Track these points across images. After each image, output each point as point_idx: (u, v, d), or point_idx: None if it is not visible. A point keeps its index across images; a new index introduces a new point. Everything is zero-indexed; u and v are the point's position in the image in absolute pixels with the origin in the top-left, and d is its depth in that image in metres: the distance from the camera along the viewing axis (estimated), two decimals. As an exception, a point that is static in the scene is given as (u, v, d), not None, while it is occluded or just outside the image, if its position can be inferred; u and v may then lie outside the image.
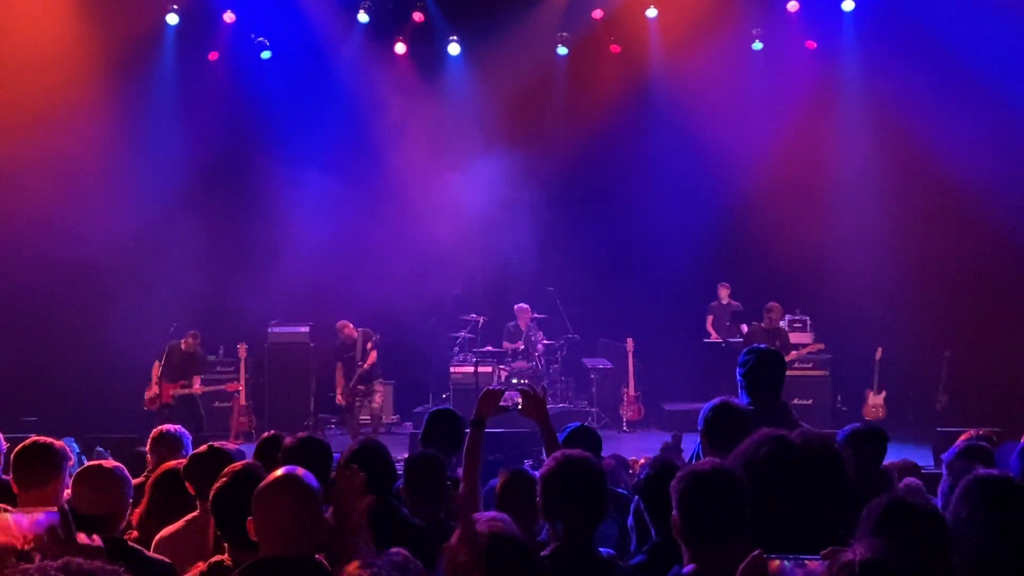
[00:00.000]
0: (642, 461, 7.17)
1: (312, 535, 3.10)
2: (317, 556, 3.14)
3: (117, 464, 4.12)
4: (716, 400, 4.62)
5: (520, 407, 4.65)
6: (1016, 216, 12.95)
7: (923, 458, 9.72)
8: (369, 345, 13.09)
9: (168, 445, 5.57)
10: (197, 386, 12.40)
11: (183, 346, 12.40)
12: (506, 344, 14.29)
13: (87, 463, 4.19)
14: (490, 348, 14.07)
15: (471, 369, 13.67)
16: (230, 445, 4.86)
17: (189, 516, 4.42)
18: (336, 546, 3.15)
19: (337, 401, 13.33)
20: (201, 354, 12.68)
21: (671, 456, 7.03)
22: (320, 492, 3.17)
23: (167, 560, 3.94)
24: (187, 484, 4.49)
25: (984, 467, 3.93)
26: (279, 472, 3.18)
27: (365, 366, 13.05)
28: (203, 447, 4.62)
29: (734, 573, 2.46)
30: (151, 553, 4.01)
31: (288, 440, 4.78)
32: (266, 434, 5.43)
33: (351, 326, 13.17)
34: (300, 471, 3.19)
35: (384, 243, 14.44)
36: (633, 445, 11.78)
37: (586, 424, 6.16)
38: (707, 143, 14.55)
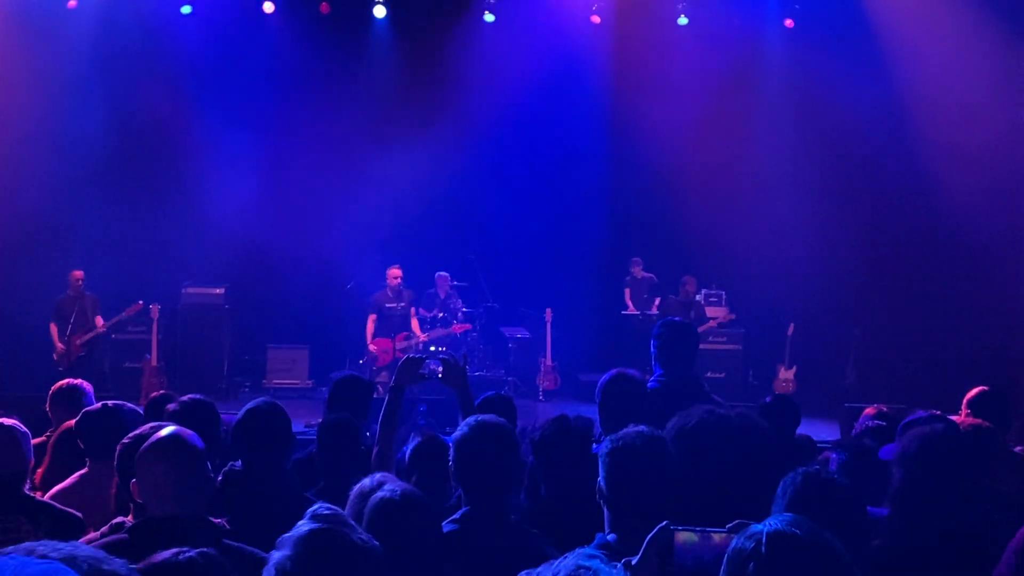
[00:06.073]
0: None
1: (195, 495, 3.09)
2: (216, 520, 3.14)
3: (14, 422, 4.06)
4: (612, 371, 4.68)
5: (441, 376, 4.68)
6: (927, 197, 13.24)
7: (831, 433, 9.99)
8: None
9: (66, 401, 5.44)
10: (101, 324, 12.18)
11: (70, 292, 12.07)
12: (423, 311, 14.24)
13: None
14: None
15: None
16: (127, 404, 4.81)
17: (79, 473, 4.40)
18: None
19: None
20: (91, 295, 12.35)
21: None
22: (204, 452, 3.15)
23: (77, 514, 3.94)
24: (79, 441, 4.45)
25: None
26: (162, 433, 3.16)
27: None
28: (97, 405, 4.59)
29: None
30: (62, 507, 4.00)
31: (171, 406, 4.69)
32: (155, 393, 5.41)
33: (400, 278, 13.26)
34: (185, 432, 3.18)
35: (304, 206, 14.29)
36: (549, 414, 11.82)
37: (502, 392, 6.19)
38: (628, 115, 14.61)
